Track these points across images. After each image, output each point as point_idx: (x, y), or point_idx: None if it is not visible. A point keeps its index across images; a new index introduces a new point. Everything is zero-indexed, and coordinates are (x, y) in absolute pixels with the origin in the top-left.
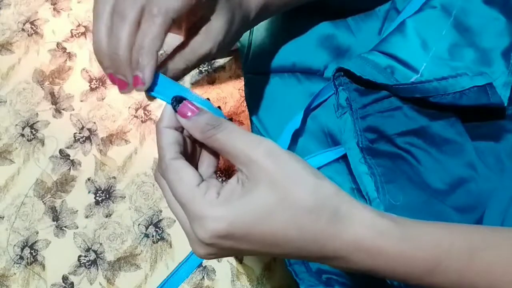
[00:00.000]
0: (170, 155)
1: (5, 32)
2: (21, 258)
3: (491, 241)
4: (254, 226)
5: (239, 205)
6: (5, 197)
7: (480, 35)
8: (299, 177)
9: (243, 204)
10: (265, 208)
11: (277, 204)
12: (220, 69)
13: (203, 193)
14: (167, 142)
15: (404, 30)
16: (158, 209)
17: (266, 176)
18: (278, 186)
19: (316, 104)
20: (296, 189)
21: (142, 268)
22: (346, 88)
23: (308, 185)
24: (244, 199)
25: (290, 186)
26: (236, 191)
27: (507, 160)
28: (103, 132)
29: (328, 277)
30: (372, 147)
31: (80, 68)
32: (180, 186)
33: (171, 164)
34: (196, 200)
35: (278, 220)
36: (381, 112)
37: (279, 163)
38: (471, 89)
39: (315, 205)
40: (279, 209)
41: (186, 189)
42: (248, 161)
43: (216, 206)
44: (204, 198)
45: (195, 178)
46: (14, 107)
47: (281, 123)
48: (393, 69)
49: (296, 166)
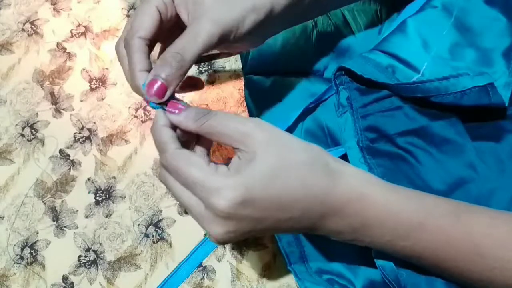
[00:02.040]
0: (175, 145)
1: (5, 32)
2: (21, 258)
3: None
4: (266, 188)
5: (248, 173)
6: (5, 197)
7: (481, 35)
8: (288, 140)
9: (251, 172)
10: (271, 171)
11: (279, 165)
12: (220, 69)
13: (214, 170)
14: (168, 136)
15: (405, 30)
16: (158, 209)
17: (262, 145)
18: (274, 150)
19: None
20: (290, 149)
21: (142, 268)
22: (347, 87)
23: (298, 146)
24: (251, 168)
25: (284, 148)
26: (241, 164)
27: (508, 160)
28: (103, 132)
29: (328, 278)
30: (372, 147)
31: (80, 68)
32: (192, 168)
33: (179, 153)
34: (211, 176)
35: (285, 179)
36: (382, 111)
37: (268, 132)
38: (472, 89)
39: (309, 160)
40: (282, 169)
41: (199, 169)
42: (242, 136)
43: (230, 176)
44: (216, 173)
45: (204, 158)
46: (14, 107)
47: (281, 123)
48: (394, 69)
49: (283, 134)
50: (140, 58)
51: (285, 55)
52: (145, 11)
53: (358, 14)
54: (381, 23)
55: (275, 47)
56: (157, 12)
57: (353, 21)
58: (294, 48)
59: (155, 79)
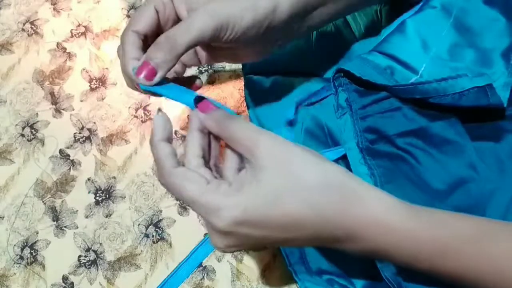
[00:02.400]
0: (171, 164)
1: (5, 32)
2: (21, 258)
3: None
4: (268, 210)
5: (250, 191)
6: (5, 197)
7: (480, 36)
8: (302, 159)
9: (254, 190)
10: (275, 191)
11: (286, 187)
12: (220, 69)
13: (215, 187)
14: (164, 153)
15: (404, 31)
16: (158, 209)
17: (272, 159)
18: (284, 168)
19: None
20: (302, 169)
21: (142, 268)
22: (346, 89)
23: (312, 165)
24: (254, 186)
25: (296, 167)
26: (246, 180)
27: (507, 160)
28: (103, 132)
29: (328, 278)
30: (372, 148)
31: (80, 68)
32: (188, 187)
33: (175, 172)
34: (210, 195)
35: (290, 202)
36: (381, 112)
37: (282, 148)
38: (471, 90)
39: (323, 183)
40: (289, 191)
41: (196, 188)
42: (255, 146)
43: (230, 195)
44: (217, 191)
45: (202, 178)
46: (14, 107)
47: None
48: (392, 70)
49: (298, 150)
50: (131, 48)
51: (285, 55)
52: (143, 9)
53: (358, 14)
54: (381, 24)
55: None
56: (154, 11)
57: (353, 21)
58: (294, 48)
59: (146, 61)
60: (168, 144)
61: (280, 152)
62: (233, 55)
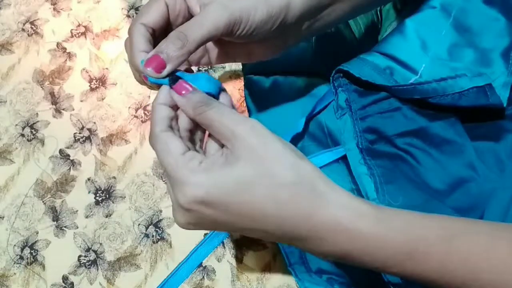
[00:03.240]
0: (160, 128)
1: (5, 32)
2: (21, 258)
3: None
4: (231, 196)
5: (218, 174)
6: (5, 197)
7: (479, 35)
8: (279, 154)
9: (222, 174)
10: (244, 181)
11: (256, 179)
12: (220, 69)
13: (186, 161)
14: (159, 116)
15: (403, 31)
16: (158, 209)
17: (248, 151)
18: (259, 161)
19: (319, 108)
20: (276, 165)
21: (142, 268)
22: (346, 89)
23: (287, 162)
24: (224, 170)
25: (270, 163)
26: (217, 162)
27: (507, 160)
28: (103, 132)
29: (328, 277)
30: (372, 148)
31: (80, 68)
32: (166, 155)
33: (159, 136)
34: (179, 168)
35: (256, 194)
36: (381, 113)
37: (261, 140)
38: (470, 90)
39: (293, 182)
40: (258, 184)
41: (171, 158)
42: (232, 136)
43: (197, 173)
44: (186, 166)
45: (181, 147)
46: (14, 107)
47: (281, 123)
48: (392, 70)
49: (278, 144)
50: (141, 40)
51: (285, 55)
52: (153, 2)
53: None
54: (381, 24)
55: None
56: (164, 4)
57: (353, 22)
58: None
59: (157, 54)
60: (167, 108)
61: (257, 144)
62: (246, 54)
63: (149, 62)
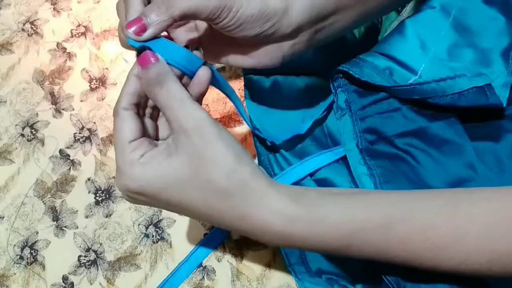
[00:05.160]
0: (123, 104)
1: (5, 32)
2: (21, 258)
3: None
4: (162, 191)
5: (155, 169)
6: (5, 197)
7: (479, 35)
8: (218, 159)
9: (158, 169)
10: (179, 180)
11: (190, 179)
12: (220, 69)
13: (129, 151)
14: (127, 90)
15: (403, 31)
16: (158, 209)
17: (189, 149)
18: (197, 162)
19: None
20: (212, 170)
21: (142, 268)
22: (345, 90)
23: (224, 168)
24: (162, 165)
25: (207, 166)
26: (157, 157)
27: (507, 160)
28: (103, 132)
29: (328, 277)
30: (372, 149)
31: (80, 68)
32: (116, 136)
33: (119, 113)
34: (121, 156)
35: (188, 193)
36: (380, 113)
37: (204, 140)
38: (470, 90)
39: (226, 188)
40: (191, 185)
41: (119, 143)
42: (179, 129)
43: (134, 166)
44: (128, 156)
45: (131, 134)
46: (14, 107)
47: (281, 124)
48: (391, 71)
49: (219, 147)
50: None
51: None
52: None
53: None
54: (381, 24)
55: None
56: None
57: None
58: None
59: (139, 17)
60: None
61: (199, 144)
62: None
63: (131, 24)
